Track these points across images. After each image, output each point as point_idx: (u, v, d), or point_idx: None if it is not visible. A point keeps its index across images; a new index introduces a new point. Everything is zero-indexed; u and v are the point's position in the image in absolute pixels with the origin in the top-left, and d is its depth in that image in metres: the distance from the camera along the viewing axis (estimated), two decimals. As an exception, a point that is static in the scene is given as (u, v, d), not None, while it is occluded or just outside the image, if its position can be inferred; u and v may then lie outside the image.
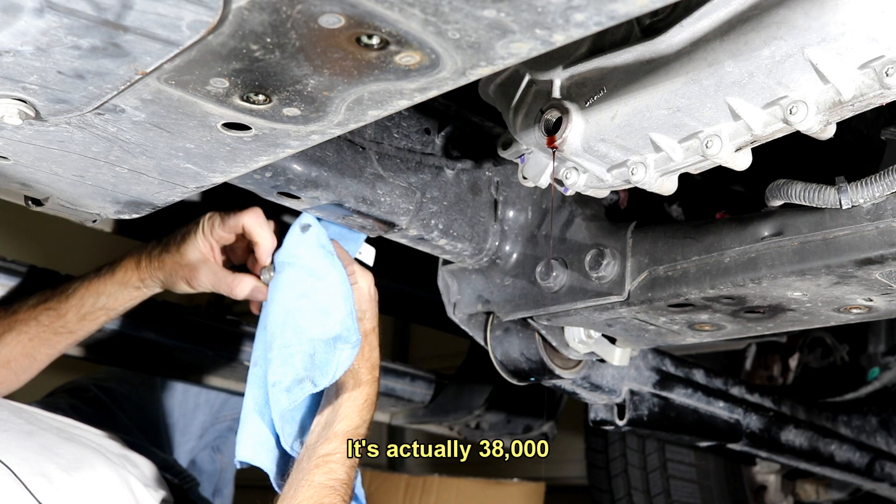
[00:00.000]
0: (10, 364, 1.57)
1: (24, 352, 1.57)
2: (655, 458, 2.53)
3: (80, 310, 1.55)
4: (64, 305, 1.55)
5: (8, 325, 1.57)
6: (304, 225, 1.40)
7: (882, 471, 2.22)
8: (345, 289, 1.39)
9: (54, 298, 1.56)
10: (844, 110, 0.92)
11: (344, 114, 0.87)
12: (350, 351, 1.36)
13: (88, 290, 1.54)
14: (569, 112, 1.07)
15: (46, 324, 1.56)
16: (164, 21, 0.72)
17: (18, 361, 1.58)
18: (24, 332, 1.56)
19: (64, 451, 1.37)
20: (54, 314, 1.56)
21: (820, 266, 1.10)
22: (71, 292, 1.55)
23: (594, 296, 1.32)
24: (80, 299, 1.54)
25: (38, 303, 1.57)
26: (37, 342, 1.57)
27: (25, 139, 0.98)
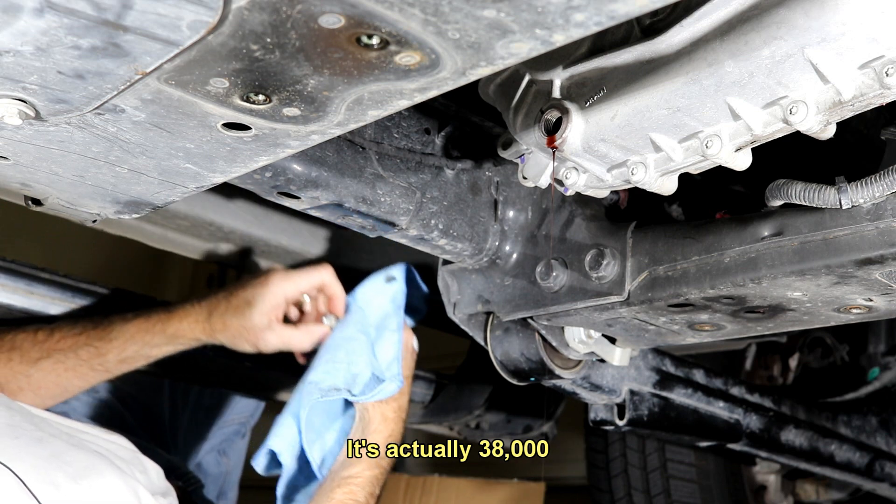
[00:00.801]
0: (39, 390, 1.55)
1: (56, 381, 1.56)
2: (655, 458, 2.53)
3: (122, 353, 1.53)
4: (106, 346, 1.53)
5: (47, 351, 1.55)
6: (390, 277, 1.57)
7: (882, 471, 2.22)
8: (398, 336, 1.54)
9: (97, 336, 1.54)
10: (844, 110, 0.92)
11: (344, 114, 0.87)
12: (392, 386, 1.48)
13: (134, 338, 1.53)
14: (569, 112, 1.07)
15: (85, 359, 1.54)
16: (164, 21, 0.72)
17: (49, 389, 1.56)
18: (62, 362, 1.54)
19: (73, 459, 1.36)
20: (94, 351, 1.54)
21: (820, 266, 1.10)
22: (115, 335, 1.53)
23: (594, 296, 1.32)
24: (124, 343, 1.53)
25: (80, 334, 1.55)
26: (71, 374, 1.55)
27: (25, 139, 0.98)
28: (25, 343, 1.55)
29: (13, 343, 1.56)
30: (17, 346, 1.55)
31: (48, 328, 1.58)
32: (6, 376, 1.54)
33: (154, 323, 1.53)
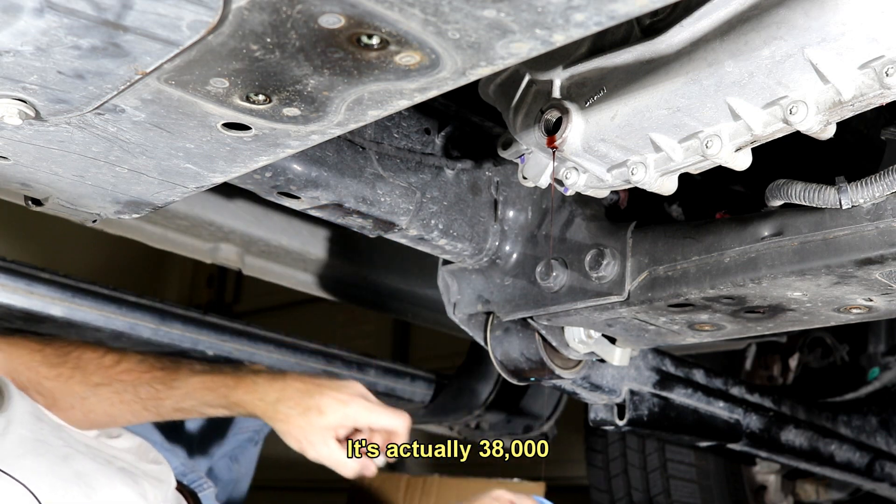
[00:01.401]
0: (90, 414, 1.55)
1: (109, 410, 1.55)
2: (655, 458, 2.54)
3: (180, 403, 1.53)
4: (167, 391, 1.53)
5: (108, 379, 1.54)
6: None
7: (882, 471, 2.22)
8: None
9: (161, 379, 1.54)
10: (844, 110, 0.92)
11: (344, 114, 0.87)
12: None
13: (195, 393, 1.53)
14: (569, 112, 1.07)
15: (143, 397, 1.53)
16: (164, 21, 0.72)
17: (99, 416, 1.56)
18: (120, 394, 1.54)
19: (96, 481, 1.36)
20: (154, 393, 1.53)
21: (820, 266, 1.10)
22: (179, 384, 1.53)
23: (594, 296, 1.32)
24: (185, 395, 1.53)
25: (146, 372, 1.54)
26: (125, 408, 1.55)
27: (25, 139, 0.98)
28: (90, 365, 1.55)
29: (78, 362, 1.55)
30: (82, 365, 1.54)
31: (116, 355, 1.57)
32: (63, 392, 1.53)
33: (219, 385, 1.53)
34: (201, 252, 2.14)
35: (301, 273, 2.33)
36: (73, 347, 1.57)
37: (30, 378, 1.52)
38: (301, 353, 2.27)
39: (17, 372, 1.52)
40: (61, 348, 1.56)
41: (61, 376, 1.52)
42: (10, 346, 1.53)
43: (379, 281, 2.44)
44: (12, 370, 1.51)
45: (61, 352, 1.55)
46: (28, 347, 1.53)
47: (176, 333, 2.03)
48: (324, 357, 2.31)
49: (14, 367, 1.51)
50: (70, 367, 1.53)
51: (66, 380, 1.52)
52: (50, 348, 1.55)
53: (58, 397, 1.52)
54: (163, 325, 2.01)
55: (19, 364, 1.51)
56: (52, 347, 1.55)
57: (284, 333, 2.27)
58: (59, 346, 1.56)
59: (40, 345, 1.55)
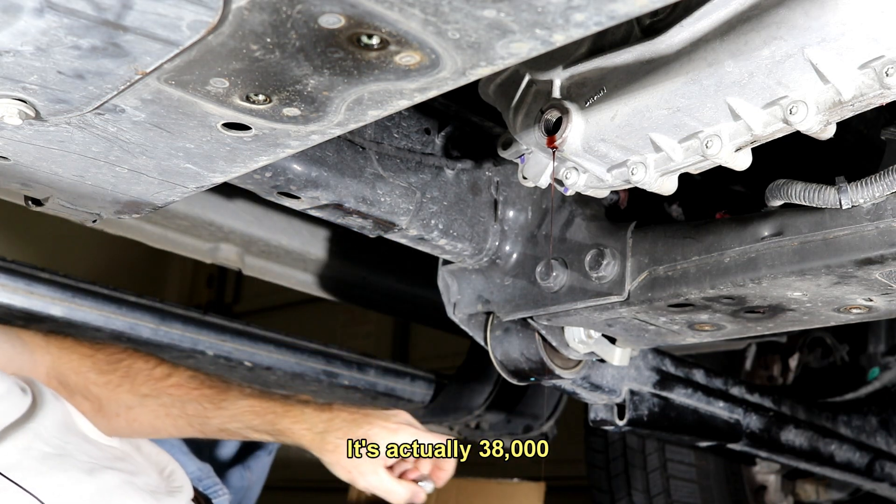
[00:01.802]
0: (134, 423, 1.55)
1: (153, 422, 1.55)
2: (655, 458, 2.54)
3: (225, 424, 1.54)
4: (215, 411, 1.53)
5: (157, 391, 1.54)
6: None
7: (882, 471, 2.22)
8: None
9: (210, 398, 1.54)
10: (844, 110, 0.92)
11: (344, 114, 0.87)
12: None
13: (242, 416, 1.53)
14: (569, 112, 1.07)
15: (190, 414, 1.54)
16: (164, 21, 0.72)
17: (143, 426, 1.56)
18: (166, 407, 1.54)
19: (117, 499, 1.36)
20: (201, 411, 1.54)
21: (820, 266, 1.10)
22: (227, 405, 1.53)
23: (594, 296, 1.32)
24: (232, 417, 1.53)
25: (195, 389, 1.54)
26: (170, 422, 1.55)
27: (25, 139, 0.98)
28: (140, 375, 1.55)
29: (128, 371, 1.55)
30: (131, 375, 1.54)
31: (167, 367, 1.57)
32: (110, 399, 1.53)
33: (267, 411, 1.53)
34: (201, 252, 2.14)
35: (301, 273, 2.33)
36: (124, 356, 1.57)
37: (77, 382, 1.52)
38: (301, 353, 2.26)
39: (65, 376, 1.52)
40: (113, 355, 1.56)
41: (110, 384, 1.53)
42: (61, 349, 1.53)
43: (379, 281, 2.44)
44: (60, 374, 1.52)
45: (112, 359, 1.55)
46: (79, 352, 1.53)
47: (176, 333, 2.03)
48: (324, 357, 2.30)
49: (62, 371, 1.51)
50: (119, 376, 1.54)
51: (115, 388, 1.53)
52: (101, 354, 1.55)
53: (104, 404, 1.53)
54: (163, 325, 2.01)
55: (68, 368, 1.51)
56: (104, 353, 1.56)
57: (284, 333, 2.27)
58: (110, 352, 1.56)
59: (91, 350, 1.55)
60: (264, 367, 2.18)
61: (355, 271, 2.40)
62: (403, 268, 2.44)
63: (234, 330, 2.14)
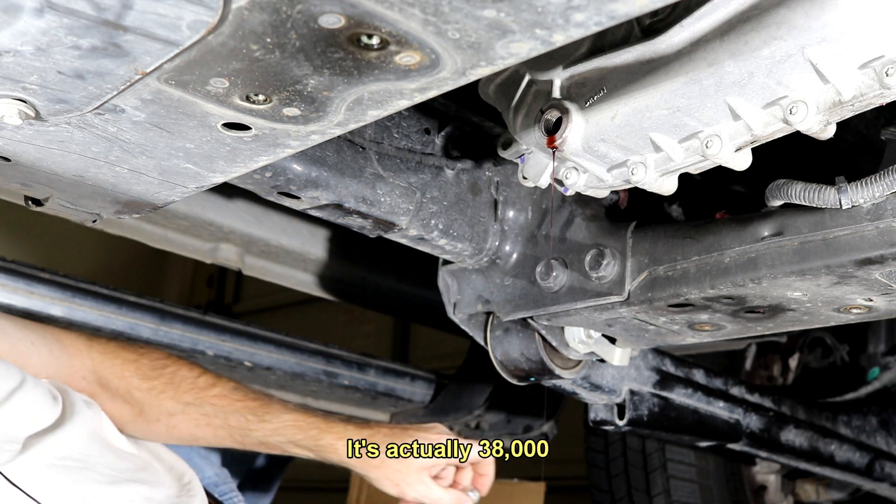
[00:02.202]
0: (173, 430, 1.56)
1: (194, 431, 1.56)
2: (655, 458, 2.53)
3: (267, 437, 1.54)
4: (257, 423, 1.54)
5: (200, 400, 1.55)
6: None
7: (882, 471, 2.22)
8: None
9: (253, 410, 1.54)
10: (844, 110, 0.92)
11: (344, 114, 0.87)
12: None
13: (284, 431, 1.53)
14: (569, 112, 1.07)
15: (233, 425, 1.54)
16: (164, 21, 0.72)
17: (182, 433, 1.56)
18: (208, 417, 1.55)
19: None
20: (244, 422, 1.54)
21: (820, 266, 1.10)
22: (271, 418, 1.54)
23: (594, 296, 1.32)
24: (275, 431, 1.53)
25: (238, 401, 1.55)
26: (210, 431, 1.56)
27: (25, 139, 0.98)
28: (184, 383, 1.55)
29: (172, 378, 1.55)
30: (175, 382, 1.55)
31: (211, 377, 1.58)
32: (151, 405, 1.54)
33: (310, 426, 1.54)
34: (201, 252, 2.14)
35: (301, 273, 2.33)
36: (169, 362, 1.58)
37: (120, 386, 1.53)
38: (301, 353, 2.26)
39: (107, 379, 1.53)
40: (157, 361, 1.57)
41: (153, 389, 1.54)
42: (104, 354, 1.53)
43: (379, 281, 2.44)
44: (102, 377, 1.52)
45: (157, 365, 1.56)
46: (122, 357, 1.54)
47: (176, 333, 2.03)
48: (324, 357, 2.30)
49: (104, 375, 1.52)
50: (163, 382, 1.54)
51: (158, 394, 1.54)
52: (145, 359, 1.56)
53: (145, 409, 1.53)
54: (163, 325, 2.01)
55: (111, 373, 1.52)
56: (148, 359, 1.57)
57: (284, 333, 2.27)
58: (154, 357, 1.58)
59: (135, 355, 1.56)
60: (264, 367, 2.18)
61: (355, 271, 2.40)
62: (403, 268, 2.44)
63: (234, 330, 2.14)
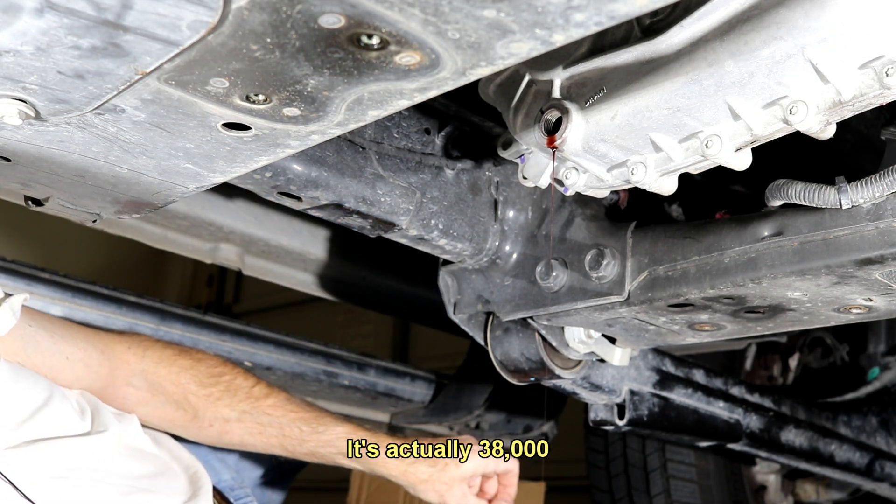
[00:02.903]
0: (225, 435, 1.59)
1: (246, 438, 1.59)
2: (655, 458, 2.53)
3: (318, 448, 1.58)
4: (311, 434, 1.57)
5: (255, 408, 1.58)
6: None
7: (882, 471, 2.22)
8: None
9: (307, 420, 1.58)
10: (844, 110, 0.92)
11: (344, 114, 0.87)
12: None
13: (337, 443, 1.57)
14: (569, 112, 1.07)
15: (287, 435, 1.58)
16: (164, 21, 0.72)
17: (233, 439, 1.60)
18: (262, 426, 1.58)
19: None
20: (298, 433, 1.57)
21: (820, 266, 1.10)
22: (324, 430, 1.57)
23: (594, 296, 1.32)
24: (327, 442, 1.57)
25: (293, 412, 1.58)
26: (261, 440, 1.59)
27: (25, 139, 0.98)
28: (240, 392, 1.59)
29: (229, 385, 1.59)
30: (232, 390, 1.59)
31: (265, 387, 1.61)
32: (206, 410, 1.57)
33: (361, 439, 1.57)
34: (201, 252, 2.14)
35: (301, 273, 2.33)
36: (226, 370, 1.61)
37: (175, 392, 1.56)
38: (301, 353, 2.26)
39: (162, 386, 1.55)
40: (214, 368, 1.60)
41: (210, 396, 1.57)
42: (159, 362, 1.56)
43: (379, 281, 2.44)
44: (155, 384, 1.55)
45: (214, 372, 1.59)
46: (178, 364, 1.57)
47: (176, 333, 2.03)
48: (324, 357, 2.30)
49: (158, 382, 1.55)
50: (220, 390, 1.58)
51: (215, 401, 1.57)
52: (202, 366, 1.59)
53: (200, 414, 1.57)
54: (163, 325, 2.01)
55: (166, 379, 1.55)
56: (205, 366, 1.60)
57: (284, 333, 2.27)
58: (211, 365, 1.61)
59: (192, 361, 1.59)
60: (264, 367, 2.18)
61: (355, 271, 2.40)
62: (403, 268, 2.44)
63: (234, 330, 2.14)
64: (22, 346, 1.38)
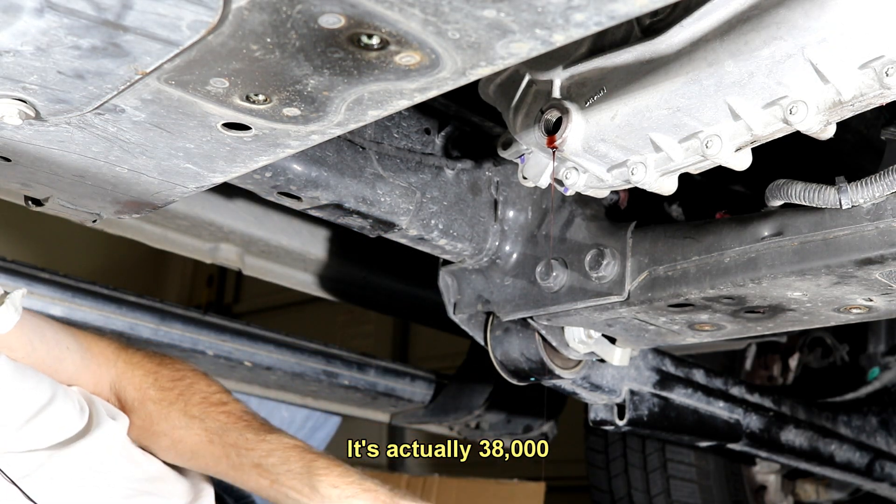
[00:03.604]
0: (178, 445, 1.47)
1: (194, 448, 1.47)
2: (655, 458, 2.54)
3: (261, 459, 1.42)
4: (255, 443, 1.43)
5: (205, 413, 1.47)
6: None
7: (882, 471, 2.22)
8: None
9: (254, 430, 1.45)
10: (844, 110, 0.92)
11: (344, 114, 0.87)
12: None
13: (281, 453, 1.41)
14: (569, 112, 1.07)
15: (229, 443, 1.44)
16: (164, 21, 0.72)
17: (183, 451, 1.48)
18: (209, 433, 1.45)
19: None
20: (241, 442, 1.44)
21: (820, 266, 1.10)
22: (270, 440, 1.43)
23: (594, 296, 1.32)
24: (269, 453, 1.42)
25: (241, 420, 1.46)
26: (208, 450, 1.46)
27: (25, 139, 0.98)
28: (196, 396, 1.49)
29: (186, 390, 1.49)
30: (188, 394, 1.49)
31: (226, 396, 1.50)
32: (160, 417, 1.48)
33: (308, 454, 1.43)
34: (201, 252, 2.14)
35: (301, 273, 2.33)
36: (188, 374, 1.52)
37: (135, 398, 1.49)
38: (301, 353, 2.27)
39: (125, 391, 1.49)
40: (177, 372, 1.52)
41: (165, 400, 1.48)
42: (127, 364, 1.50)
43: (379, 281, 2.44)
44: (121, 389, 1.49)
45: (176, 376, 1.51)
46: (144, 368, 1.50)
47: (176, 333, 2.03)
48: (324, 357, 2.31)
49: (123, 387, 1.49)
50: (176, 394, 1.49)
51: (168, 405, 1.48)
52: (166, 370, 1.51)
53: (154, 422, 1.48)
54: (163, 325, 2.01)
55: (129, 384, 1.49)
56: (169, 370, 1.52)
57: (284, 333, 2.27)
58: (176, 369, 1.52)
59: (158, 366, 1.51)
60: (264, 367, 2.18)
61: (355, 271, 2.40)
62: (403, 268, 2.44)
63: (234, 330, 2.14)
64: (28, 338, 1.35)
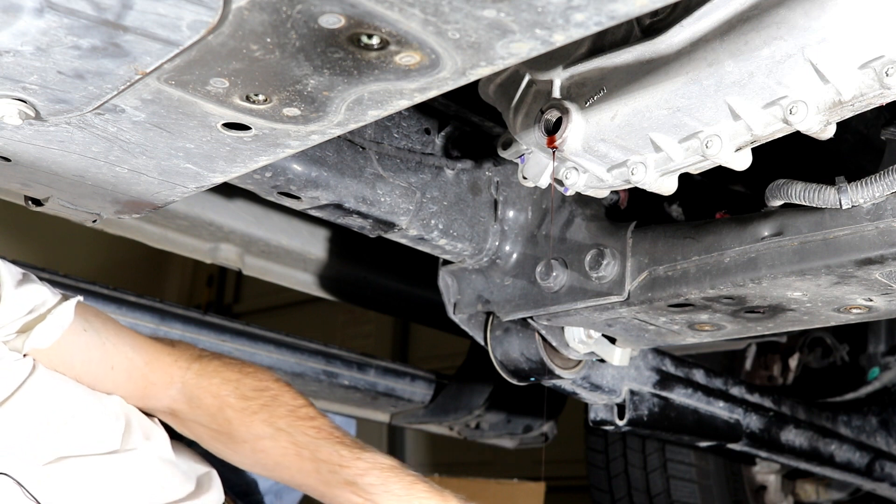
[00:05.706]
0: (258, 454, 1.44)
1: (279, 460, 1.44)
2: (655, 458, 2.54)
3: (357, 479, 1.40)
4: (350, 462, 1.41)
5: (294, 427, 1.43)
6: None
7: (882, 471, 2.22)
8: None
9: (348, 447, 1.42)
10: (844, 110, 0.92)
11: (344, 114, 0.87)
12: None
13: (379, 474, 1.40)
14: (569, 112, 1.07)
15: (322, 458, 1.42)
16: (164, 21, 0.72)
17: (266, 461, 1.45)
18: (299, 447, 1.43)
19: None
20: (336, 458, 1.41)
21: (820, 266, 1.10)
22: (366, 457, 1.41)
23: (594, 296, 1.32)
24: (366, 472, 1.39)
25: (333, 436, 1.43)
26: (295, 464, 1.43)
27: (25, 139, 0.98)
28: (282, 408, 1.46)
29: (271, 401, 1.46)
30: (272, 406, 1.46)
31: (314, 410, 1.47)
32: (241, 425, 1.45)
33: (413, 480, 1.41)
34: (201, 252, 2.14)
35: (301, 273, 2.33)
36: (273, 386, 1.49)
37: (212, 405, 1.46)
38: (301, 353, 2.26)
39: (199, 398, 1.46)
40: (261, 382, 1.49)
41: (247, 410, 1.45)
42: (201, 374, 1.47)
43: (379, 281, 2.44)
44: (193, 396, 1.46)
45: (259, 386, 1.48)
46: (222, 377, 1.47)
47: (176, 333, 2.03)
48: (324, 357, 2.30)
49: (197, 394, 1.46)
50: (260, 404, 1.46)
51: (250, 414, 1.45)
52: (249, 380, 1.48)
53: (234, 429, 1.46)
54: (163, 325, 2.01)
55: (205, 392, 1.46)
56: (252, 379, 1.49)
57: (284, 333, 2.27)
58: (259, 379, 1.49)
59: (238, 374, 1.49)
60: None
61: (355, 271, 2.40)
62: (403, 268, 2.44)
63: (234, 330, 2.14)
64: (70, 355, 1.32)
